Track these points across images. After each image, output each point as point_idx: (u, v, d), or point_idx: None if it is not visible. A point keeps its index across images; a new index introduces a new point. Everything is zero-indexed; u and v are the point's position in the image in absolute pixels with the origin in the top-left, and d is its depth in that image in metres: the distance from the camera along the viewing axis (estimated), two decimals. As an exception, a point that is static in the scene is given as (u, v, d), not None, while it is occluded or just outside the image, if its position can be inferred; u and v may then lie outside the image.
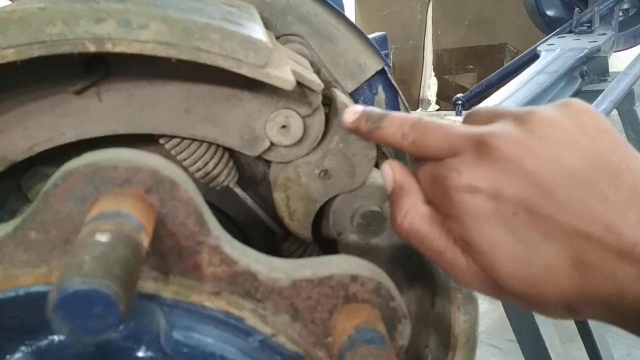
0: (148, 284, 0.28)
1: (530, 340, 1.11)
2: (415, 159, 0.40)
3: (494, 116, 0.35)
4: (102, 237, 0.23)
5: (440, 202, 0.35)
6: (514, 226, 0.31)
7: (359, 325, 0.30)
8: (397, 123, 0.38)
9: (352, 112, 0.41)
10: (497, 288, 0.33)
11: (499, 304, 1.24)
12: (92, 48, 0.32)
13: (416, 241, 0.36)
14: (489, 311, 2.16)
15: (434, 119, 0.39)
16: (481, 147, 0.33)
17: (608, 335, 1.45)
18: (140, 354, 0.33)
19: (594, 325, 1.36)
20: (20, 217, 0.28)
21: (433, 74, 4.44)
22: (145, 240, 0.25)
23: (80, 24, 0.32)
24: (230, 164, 0.48)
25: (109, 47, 0.32)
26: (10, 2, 0.50)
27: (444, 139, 0.36)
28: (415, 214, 0.36)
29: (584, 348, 1.39)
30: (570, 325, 1.41)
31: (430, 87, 4.48)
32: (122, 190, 0.27)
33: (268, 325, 0.30)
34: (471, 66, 4.22)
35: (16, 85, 0.39)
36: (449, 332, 0.46)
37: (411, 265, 0.49)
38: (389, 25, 4.34)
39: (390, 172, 0.39)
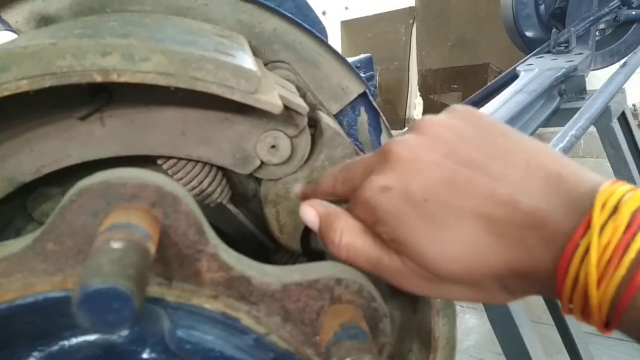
0: (153, 289, 0.32)
1: (515, 351, 1.14)
2: None
3: (395, 137, 0.40)
4: (116, 244, 0.26)
5: (365, 215, 0.37)
6: (428, 212, 0.34)
7: (344, 323, 0.33)
8: (329, 174, 0.43)
9: (297, 187, 0.46)
10: (435, 279, 0.35)
11: (487, 320, 1.27)
12: (98, 78, 0.36)
13: (355, 255, 0.38)
14: (478, 326, 2.19)
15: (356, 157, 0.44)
16: (384, 156, 0.37)
17: (592, 346, 1.48)
18: (145, 355, 0.36)
19: (578, 336, 1.39)
20: (38, 230, 0.31)
21: (418, 93, 4.51)
22: (152, 248, 0.28)
23: (88, 57, 0.36)
24: (224, 182, 0.51)
25: (114, 78, 0.36)
26: (16, 36, 0.54)
27: (361, 165, 0.40)
28: (349, 229, 0.38)
29: (569, 359, 1.42)
30: (554, 336, 1.44)
31: (416, 106, 4.54)
32: (130, 204, 0.30)
33: (261, 325, 0.33)
34: (455, 85, 4.29)
35: (25, 112, 0.42)
36: (429, 335, 0.49)
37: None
38: (374, 47, 4.42)
39: (311, 209, 0.41)
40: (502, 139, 0.35)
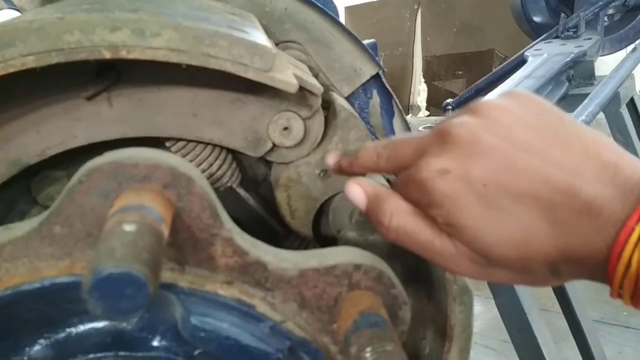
0: (166, 274, 0.30)
1: (523, 338, 1.13)
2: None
3: (450, 118, 0.38)
4: (129, 227, 0.25)
5: (419, 196, 0.37)
6: (486, 196, 0.34)
7: (363, 310, 0.32)
8: (370, 148, 0.41)
9: (332, 156, 0.44)
10: (486, 263, 0.35)
11: (492, 306, 1.26)
12: (107, 55, 0.34)
13: (405, 238, 0.37)
14: (483, 312, 2.19)
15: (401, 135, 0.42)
16: (442, 137, 0.36)
17: (599, 334, 1.47)
18: (155, 343, 0.35)
19: (586, 324, 1.38)
20: (45, 212, 0.30)
21: (423, 80, 4.48)
22: (165, 231, 0.27)
23: (96, 33, 0.34)
24: (234, 165, 0.50)
25: (123, 54, 0.34)
26: (19, 14, 0.52)
27: (411, 145, 0.39)
28: (399, 212, 0.38)
29: (576, 347, 1.41)
30: (562, 324, 1.43)
31: (420, 93, 4.52)
32: (142, 186, 0.29)
33: (277, 312, 0.32)
34: (460, 72, 4.26)
35: (31, 91, 0.41)
36: (445, 323, 0.48)
37: (407, 260, 0.51)
38: (378, 32, 4.38)
39: (358, 187, 0.40)
40: (561, 125, 0.35)
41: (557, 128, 0.35)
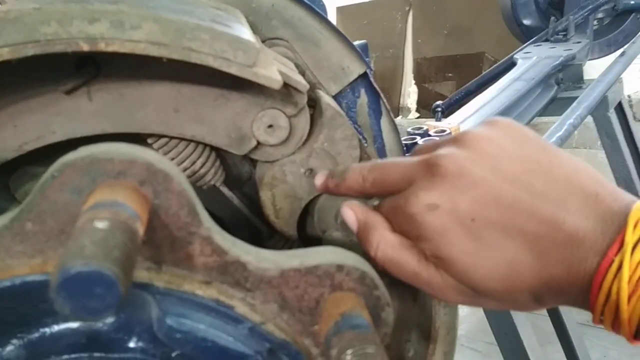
0: (142, 274, 0.29)
1: (509, 341, 1.13)
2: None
3: (436, 145, 0.39)
4: (101, 224, 0.24)
5: (407, 228, 0.37)
6: (474, 231, 0.35)
7: (345, 312, 0.31)
8: (357, 171, 0.42)
9: (319, 177, 0.45)
10: (473, 294, 0.36)
11: (478, 309, 1.26)
12: (85, 47, 0.33)
13: (393, 269, 0.39)
14: (469, 315, 2.19)
15: (387, 159, 0.45)
16: (431, 169, 0.36)
17: (585, 337, 1.48)
18: (131, 344, 0.34)
19: (571, 327, 1.38)
20: (16, 208, 0.29)
21: (413, 82, 4.49)
22: (140, 229, 0.26)
23: (74, 24, 0.33)
24: (217, 163, 0.49)
25: (101, 47, 0.33)
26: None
27: (398, 171, 0.39)
28: (385, 244, 0.38)
29: (561, 350, 1.41)
30: (548, 327, 1.43)
31: (410, 95, 4.52)
32: (117, 182, 0.28)
33: (257, 313, 0.31)
34: (450, 74, 4.27)
35: (7, 84, 0.40)
36: (430, 325, 0.47)
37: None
38: (369, 33, 4.37)
39: (351, 212, 0.41)
40: (543, 155, 0.36)
41: (540, 157, 0.36)
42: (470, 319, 2.17)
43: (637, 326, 0.32)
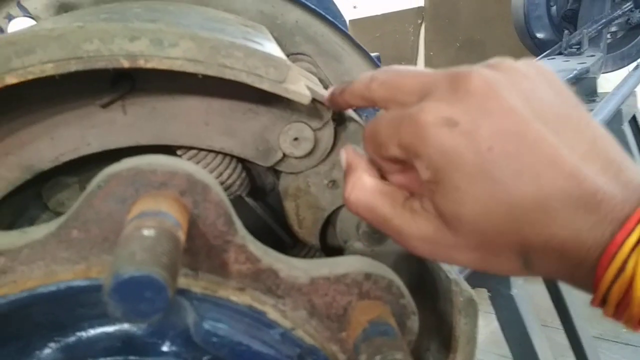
0: (180, 280, 0.31)
1: (523, 353, 1.13)
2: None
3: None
4: (148, 232, 0.25)
5: (410, 141, 0.33)
6: (486, 161, 0.31)
7: (373, 319, 0.32)
8: (367, 74, 0.39)
9: (328, 92, 0.43)
10: (448, 238, 0.33)
11: (491, 320, 1.26)
12: (126, 64, 0.35)
13: (364, 213, 0.37)
14: (482, 327, 2.16)
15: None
16: (456, 82, 0.32)
17: (599, 350, 1.47)
18: (164, 348, 0.35)
19: (585, 340, 1.38)
20: (62, 217, 0.30)
21: (425, 94, 4.49)
22: (182, 237, 0.27)
23: (115, 42, 0.35)
24: (243, 174, 0.50)
25: (141, 63, 0.35)
26: (33, 22, 0.53)
27: (416, 78, 0.35)
28: (361, 186, 0.37)
29: (575, 363, 1.41)
30: (561, 340, 1.43)
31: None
32: (159, 192, 0.29)
33: (287, 319, 0.33)
34: (462, 87, 4.27)
35: (47, 98, 0.41)
36: (450, 335, 0.48)
37: (413, 272, 0.52)
38: (382, 46, 4.40)
39: (344, 153, 0.40)
40: (574, 110, 0.33)
41: (571, 111, 0.32)
42: (482, 331, 2.15)
43: None
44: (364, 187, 0.37)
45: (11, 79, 0.34)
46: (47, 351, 0.36)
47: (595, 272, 0.30)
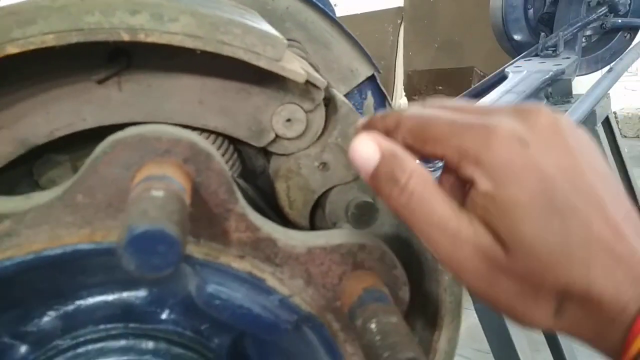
0: (182, 246, 0.32)
1: (501, 345, 1.15)
2: None
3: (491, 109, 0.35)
4: (157, 193, 0.26)
5: (474, 148, 0.32)
6: (548, 189, 0.31)
7: (367, 287, 0.33)
8: (394, 114, 0.36)
9: (359, 123, 0.39)
10: (497, 264, 0.31)
11: (467, 315, 1.28)
12: (126, 37, 0.36)
13: (418, 206, 0.32)
14: (457, 324, 2.21)
15: None
16: (527, 114, 0.33)
17: (574, 344, 1.51)
18: (163, 316, 0.36)
19: (562, 336, 1.41)
20: (68, 181, 0.31)
21: (404, 94, 4.54)
22: (187, 201, 0.28)
23: (116, 15, 0.35)
24: (235, 156, 0.51)
25: (141, 37, 0.36)
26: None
27: (460, 121, 0.33)
28: (419, 176, 0.32)
29: (551, 357, 1.44)
30: (537, 335, 1.46)
31: (400, 107, 4.57)
32: (163, 159, 0.30)
33: (285, 287, 0.34)
34: (440, 87, 4.33)
35: (43, 72, 0.42)
36: (435, 313, 0.50)
37: (400, 254, 0.53)
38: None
39: (372, 143, 0.34)
40: (611, 174, 0.33)
41: (610, 174, 0.33)
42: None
43: None
44: (424, 177, 0.33)
45: (12, 49, 0.35)
46: (46, 319, 0.36)
47: (629, 331, 0.29)
